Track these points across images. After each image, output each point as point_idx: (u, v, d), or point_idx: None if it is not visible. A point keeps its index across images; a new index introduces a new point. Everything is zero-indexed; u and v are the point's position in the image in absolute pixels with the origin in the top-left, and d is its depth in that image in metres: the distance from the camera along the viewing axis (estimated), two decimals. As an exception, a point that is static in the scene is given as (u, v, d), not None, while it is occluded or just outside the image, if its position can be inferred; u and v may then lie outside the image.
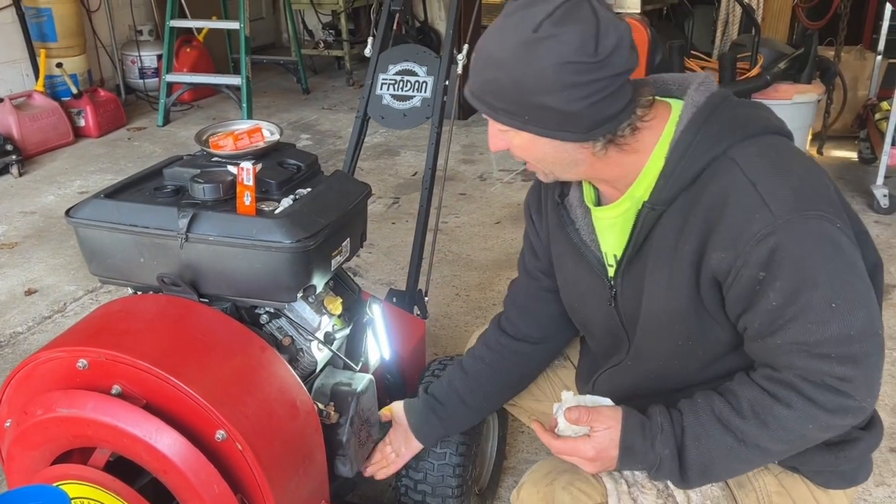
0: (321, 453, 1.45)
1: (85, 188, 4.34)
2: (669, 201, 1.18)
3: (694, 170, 1.15)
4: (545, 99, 1.09)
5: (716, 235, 1.13)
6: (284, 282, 1.41)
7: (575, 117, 1.11)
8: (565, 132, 1.13)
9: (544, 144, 1.17)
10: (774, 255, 1.08)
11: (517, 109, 1.13)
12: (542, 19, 1.07)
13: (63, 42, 5.24)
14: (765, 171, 1.11)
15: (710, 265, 1.14)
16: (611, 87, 1.10)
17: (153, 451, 1.22)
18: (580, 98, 1.09)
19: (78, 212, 1.48)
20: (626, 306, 1.31)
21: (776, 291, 1.09)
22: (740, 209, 1.10)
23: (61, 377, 1.31)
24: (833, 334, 1.07)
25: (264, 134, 1.62)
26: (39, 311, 3.06)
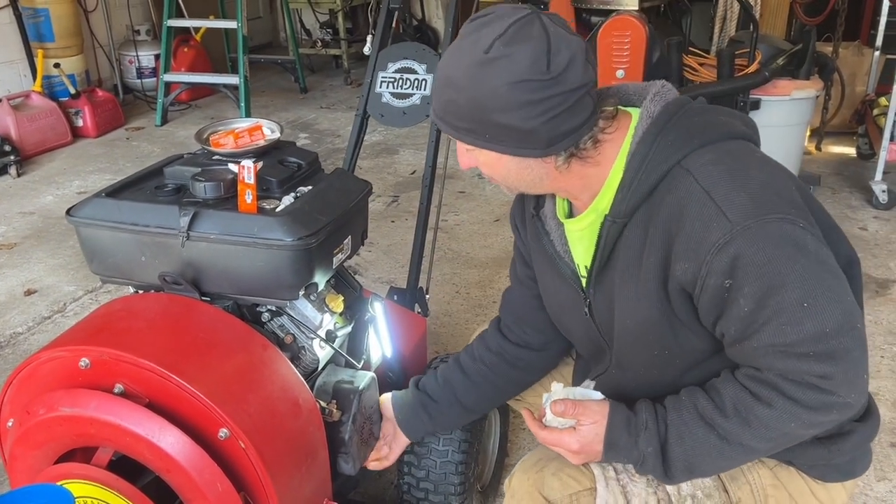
0: (324, 451, 1.45)
1: (83, 188, 4.34)
2: (629, 213, 1.19)
3: (650, 181, 1.16)
4: (501, 118, 1.11)
5: (677, 246, 1.13)
6: (286, 280, 1.41)
7: (533, 134, 1.12)
8: (525, 149, 1.15)
9: (508, 161, 1.18)
10: (736, 262, 1.07)
11: (477, 128, 1.14)
12: (494, 39, 1.08)
13: (60, 42, 5.24)
14: (719, 179, 1.11)
15: (675, 276, 1.15)
16: (567, 103, 1.11)
17: (156, 449, 1.22)
18: (536, 115, 1.10)
19: (79, 211, 1.47)
20: (600, 317, 1.32)
21: (745, 297, 1.08)
22: (697, 219, 1.10)
23: (63, 376, 1.31)
24: (808, 333, 1.07)
25: (265, 132, 1.61)
26: (39, 312, 3.05)
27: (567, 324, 1.45)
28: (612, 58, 4.09)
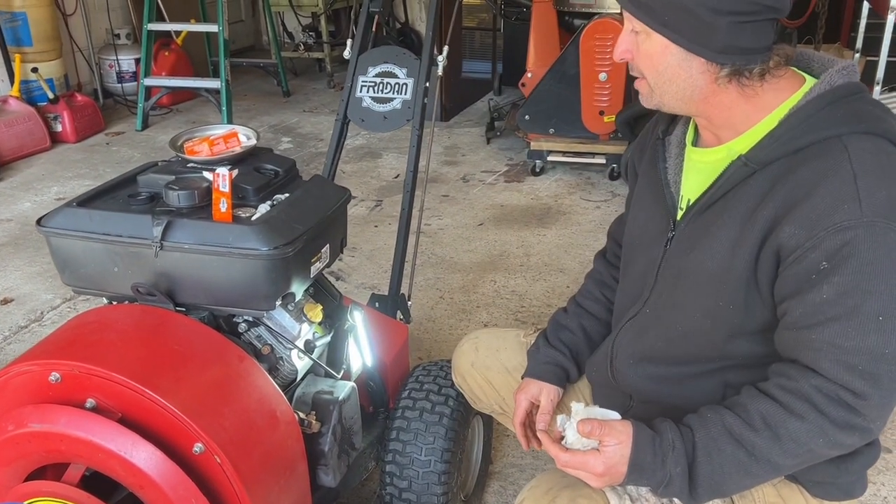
0: (303, 464, 1.42)
1: (62, 194, 4.28)
2: (766, 163, 1.16)
3: (804, 140, 1.14)
4: (692, 2, 1.10)
5: (797, 210, 1.11)
6: (262, 290, 1.38)
7: (713, 31, 1.12)
8: (699, 45, 1.14)
9: (672, 55, 1.17)
10: (844, 249, 1.06)
11: (661, 7, 1.13)
12: None
13: (39, 46, 5.17)
14: (871, 168, 1.09)
15: (778, 237, 1.12)
16: (757, 17, 1.11)
17: (129, 465, 1.19)
18: (726, 12, 1.10)
19: (50, 221, 1.44)
20: (673, 253, 1.29)
21: (831, 285, 1.07)
22: (831, 194, 1.08)
23: (33, 391, 1.28)
24: (868, 346, 1.06)
25: (240, 139, 1.59)
26: (16, 321, 3.01)
27: (636, 255, 1.41)
28: (594, 60, 4.09)
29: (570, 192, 4.25)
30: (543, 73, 4.26)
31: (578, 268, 3.34)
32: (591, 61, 4.09)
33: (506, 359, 1.62)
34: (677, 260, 1.28)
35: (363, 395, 1.76)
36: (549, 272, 3.33)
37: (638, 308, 1.37)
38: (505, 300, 3.10)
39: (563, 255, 3.48)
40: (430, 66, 2.16)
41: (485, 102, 5.68)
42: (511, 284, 3.23)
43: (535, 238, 3.67)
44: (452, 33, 2.48)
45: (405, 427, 1.71)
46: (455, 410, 1.72)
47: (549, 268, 3.37)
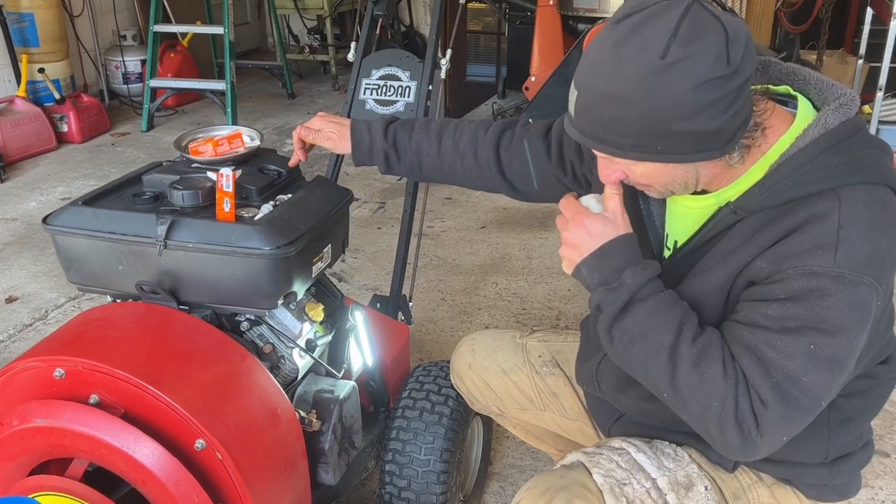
0: (303, 462, 1.44)
1: (68, 194, 4.30)
2: (754, 211, 1.13)
3: (795, 193, 1.09)
4: (683, 125, 1.02)
5: (773, 250, 1.10)
6: (265, 289, 1.40)
7: (717, 134, 1.05)
8: (705, 152, 1.07)
9: (674, 169, 1.10)
10: (808, 293, 1.05)
11: (648, 142, 1.06)
12: (668, 41, 0.99)
13: (45, 47, 5.20)
14: (859, 221, 1.06)
15: (750, 271, 1.12)
16: (744, 92, 1.05)
17: (132, 461, 1.21)
18: (721, 113, 1.03)
19: (55, 219, 1.46)
20: None
21: (782, 308, 1.08)
22: (811, 238, 1.06)
23: (38, 387, 1.29)
24: (789, 367, 1.07)
25: (244, 140, 1.60)
26: (21, 319, 3.03)
27: None
28: (598, 65, 4.10)
29: (573, 195, 4.25)
30: (547, 77, 4.27)
31: (580, 271, 3.34)
32: (595, 65, 4.10)
33: (502, 360, 1.64)
34: None
35: (364, 395, 1.78)
36: (551, 275, 3.34)
37: None
38: (506, 302, 3.12)
39: (564, 259, 3.49)
40: (433, 69, 2.18)
41: (489, 106, 5.69)
42: (513, 287, 3.24)
43: (537, 241, 3.68)
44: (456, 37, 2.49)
45: (405, 426, 1.72)
46: (455, 411, 1.74)
47: (551, 270, 3.38)
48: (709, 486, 1.28)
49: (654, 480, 1.27)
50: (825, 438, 1.25)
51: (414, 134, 1.56)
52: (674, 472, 1.29)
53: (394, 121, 1.58)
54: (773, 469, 1.31)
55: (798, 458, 1.27)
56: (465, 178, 1.57)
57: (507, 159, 1.52)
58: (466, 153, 1.53)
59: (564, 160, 1.47)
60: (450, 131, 1.55)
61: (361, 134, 1.56)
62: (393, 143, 1.55)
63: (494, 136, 1.52)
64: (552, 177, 1.50)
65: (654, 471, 1.28)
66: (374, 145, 1.55)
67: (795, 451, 1.24)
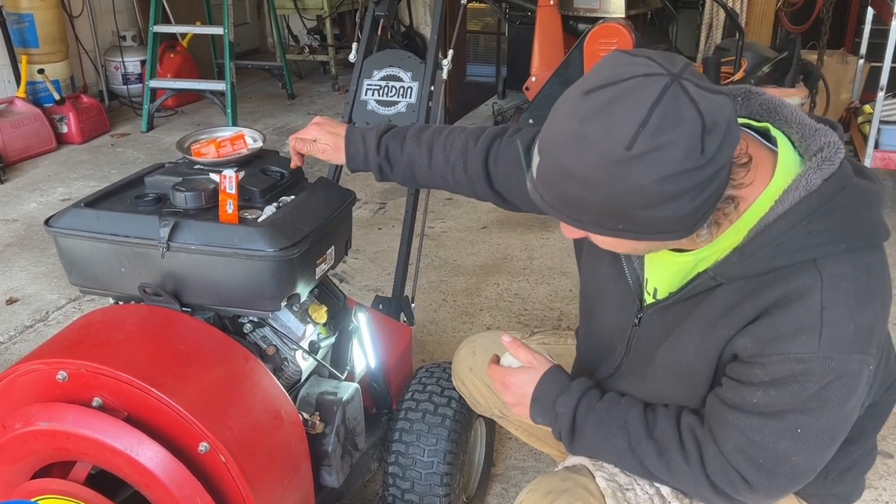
0: (306, 464, 1.43)
1: (68, 195, 4.30)
2: (733, 279, 1.09)
3: (776, 263, 1.04)
4: (646, 213, 0.96)
5: (755, 326, 1.07)
6: (268, 291, 1.39)
7: (682, 220, 0.99)
8: (670, 234, 1.01)
9: (639, 243, 1.05)
10: (793, 377, 1.04)
11: (608, 222, 1.00)
12: (636, 131, 0.90)
13: (45, 48, 5.19)
14: (842, 300, 1.02)
15: (734, 345, 1.10)
16: (719, 177, 0.97)
17: (135, 464, 1.20)
18: (690, 201, 0.95)
19: (57, 221, 1.45)
20: (644, 337, 1.27)
21: (766, 395, 1.07)
22: (793, 320, 1.03)
23: (41, 390, 1.29)
24: (778, 449, 1.08)
25: (247, 141, 1.60)
26: (21, 321, 3.02)
27: (600, 314, 1.36)
28: (598, 65, 4.10)
29: (574, 195, 4.25)
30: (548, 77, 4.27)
31: (581, 271, 3.34)
32: (596, 65, 4.10)
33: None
34: (648, 348, 1.26)
35: (366, 397, 1.77)
36: (552, 275, 3.34)
37: (610, 372, 1.36)
38: (508, 303, 3.11)
39: (565, 259, 3.49)
40: (434, 69, 2.17)
41: (489, 106, 5.69)
42: (514, 287, 3.24)
43: (539, 241, 3.68)
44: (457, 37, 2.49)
45: (408, 428, 1.71)
46: (458, 412, 1.73)
47: (552, 271, 3.38)
48: None
49: (657, 487, 1.26)
50: None
51: (405, 146, 1.54)
52: None
53: (388, 130, 1.57)
54: None
55: None
56: (457, 189, 1.57)
57: (495, 171, 1.51)
58: (457, 166, 1.52)
59: None
60: (440, 143, 1.53)
61: (356, 147, 1.55)
62: (386, 155, 1.55)
63: (483, 149, 1.51)
64: None
65: None
66: (368, 157, 1.55)
67: None
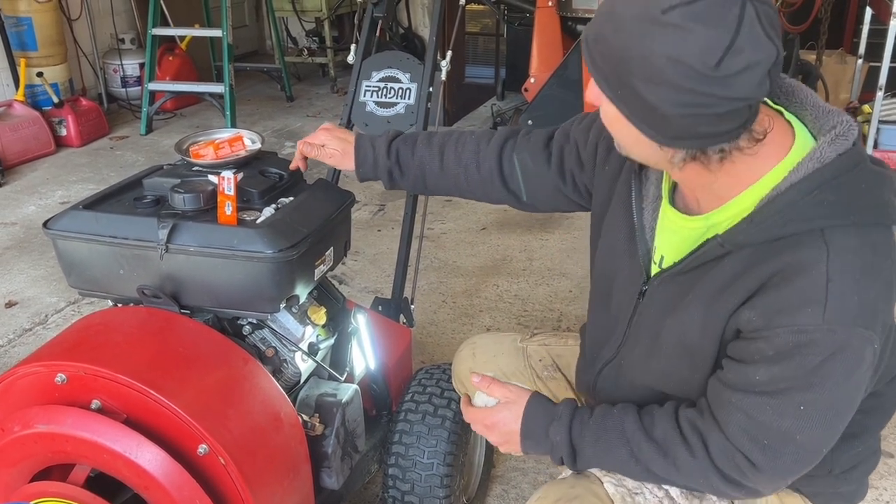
0: (306, 466, 1.43)
1: (67, 198, 4.30)
2: (742, 246, 1.09)
3: (784, 231, 1.05)
4: (641, 86, 0.98)
5: (760, 298, 1.07)
6: (267, 292, 1.39)
7: (664, 120, 1.00)
8: (648, 129, 1.03)
9: (625, 126, 1.06)
10: (796, 349, 1.04)
11: (613, 80, 1.02)
12: (678, 4, 0.93)
13: (43, 51, 5.19)
14: (847, 273, 1.02)
15: (739, 319, 1.10)
16: (719, 108, 0.97)
17: (134, 466, 1.20)
18: (677, 104, 0.97)
19: (56, 223, 1.45)
20: (646, 311, 1.25)
21: (769, 371, 1.07)
22: (798, 293, 1.03)
23: (39, 392, 1.29)
24: (781, 428, 1.07)
25: (245, 143, 1.60)
26: (20, 324, 3.02)
27: (609, 290, 1.35)
28: (597, 66, 4.10)
29: (573, 196, 4.25)
30: (546, 78, 4.28)
31: (581, 272, 3.34)
32: (594, 66, 4.10)
33: (504, 364, 1.63)
34: (652, 322, 1.24)
35: (366, 398, 1.77)
36: (552, 276, 3.34)
37: (612, 353, 1.35)
38: (507, 304, 3.11)
39: (565, 260, 3.49)
40: (433, 71, 2.17)
41: (488, 107, 5.69)
42: (514, 289, 3.24)
43: (538, 242, 3.68)
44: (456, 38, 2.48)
45: (408, 430, 1.71)
46: (458, 414, 1.73)
47: (552, 272, 3.38)
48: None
49: (666, 490, 1.26)
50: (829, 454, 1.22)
51: (416, 149, 1.55)
52: None
53: (397, 136, 1.58)
54: None
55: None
56: (469, 192, 1.57)
57: (509, 170, 1.51)
58: (469, 166, 1.53)
59: (564, 170, 1.46)
60: (452, 144, 1.54)
61: (365, 151, 1.55)
62: (396, 159, 1.55)
63: (496, 148, 1.51)
64: (553, 186, 1.48)
65: None
66: (378, 162, 1.55)
67: None
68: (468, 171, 1.53)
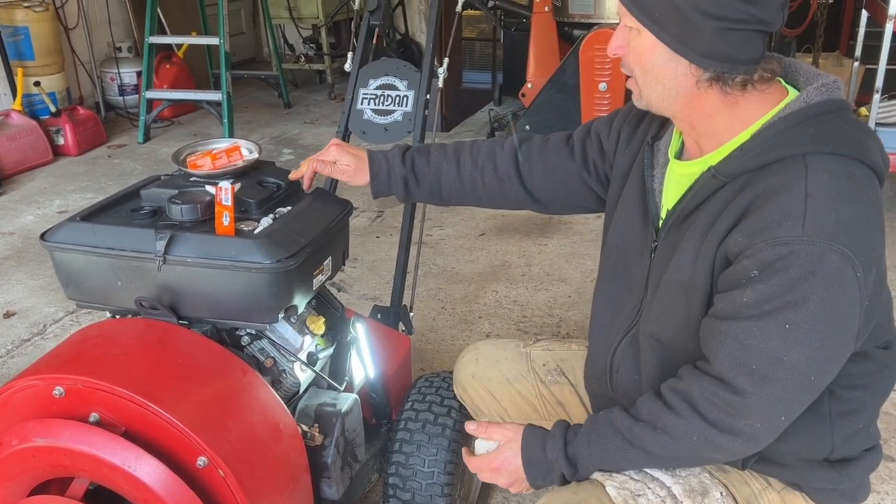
0: (306, 476, 1.43)
1: (65, 207, 4.29)
2: (733, 176, 1.17)
3: (770, 157, 1.14)
4: (683, 1, 1.10)
5: (746, 220, 1.13)
6: (265, 303, 1.39)
7: (698, 33, 1.12)
8: (683, 45, 1.14)
9: (659, 53, 1.17)
10: (777, 263, 1.08)
11: (653, 4, 1.14)
12: None
13: (41, 60, 5.20)
14: (825, 190, 1.09)
15: (727, 245, 1.15)
16: (746, 27, 1.11)
17: (133, 479, 1.19)
18: (713, 16, 1.10)
19: (53, 235, 1.45)
20: (656, 265, 1.31)
21: (754, 291, 1.10)
22: (779, 208, 1.10)
23: (37, 405, 1.28)
24: (768, 350, 1.09)
25: (243, 152, 1.60)
26: (19, 334, 3.01)
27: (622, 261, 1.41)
28: (594, 70, 4.11)
29: (571, 201, 4.25)
30: (543, 84, 4.28)
31: (580, 277, 3.34)
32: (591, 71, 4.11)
33: (506, 369, 1.63)
34: (658, 273, 1.30)
35: (366, 407, 1.76)
36: (551, 282, 3.33)
37: (632, 320, 1.36)
38: (507, 310, 3.10)
39: (564, 265, 3.48)
40: (430, 78, 2.17)
41: (485, 112, 5.69)
42: (513, 294, 3.23)
43: (537, 248, 3.68)
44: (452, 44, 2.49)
45: (408, 439, 1.71)
46: (458, 422, 1.72)
47: (551, 277, 3.37)
48: (723, 493, 1.28)
49: (668, 489, 1.26)
50: (828, 431, 1.25)
51: (431, 157, 1.57)
52: (687, 479, 1.29)
53: (409, 148, 1.60)
54: (780, 473, 1.31)
55: (803, 454, 1.27)
56: (486, 196, 1.59)
57: (527, 169, 1.54)
58: (486, 168, 1.55)
59: (588, 159, 1.51)
60: (467, 150, 1.58)
61: (379, 163, 1.56)
62: (411, 167, 1.56)
63: (512, 148, 1.56)
64: (577, 178, 1.53)
65: (667, 479, 1.28)
66: (393, 172, 1.56)
67: (799, 447, 1.25)
68: (485, 174, 1.55)
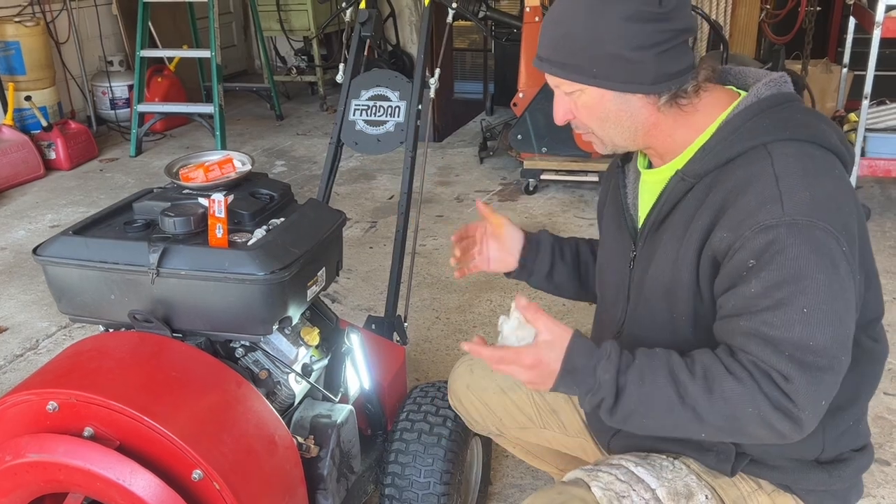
0: (302, 488, 1.42)
1: (57, 222, 4.28)
2: (699, 175, 1.22)
3: (731, 152, 1.19)
4: (613, 47, 1.17)
5: (725, 217, 1.16)
6: (259, 314, 1.39)
7: (642, 66, 1.17)
8: (633, 84, 1.19)
9: (610, 101, 1.22)
10: (770, 247, 1.10)
11: (587, 63, 1.19)
12: None
13: (32, 75, 5.20)
14: (793, 171, 1.14)
15: (712, 244, 1.17)
16: (674, 41, 1.18)
17: (128, 494, 1.19)
18: (648, 47, 1.16)
19: (46, 249, 1.45)
20: (638, 271, 1.33)
21: (759, 280, 1.11)
22: (756, 196, 1.13)
23: (31, 420, 1.28)
24: (793, 338, 1.09)
25: (235, 164, 1.60)
26: (11, 350, 2.99)
27: (607, 276, 1.45)
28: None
29: (564, 209, 4.27)
30: (535, 93, 4.29)
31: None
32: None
33: (500, 379, 1.62)
34: (639, 279, 1.32)
35: (361, 418, 1.76)
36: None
37: (616, 329, 1.39)
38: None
39: (558, 274, 3.48)
40: (422, 88, 2.18)
41: (477, 122, 5.71)
42: (507, 303, 3.22)
43: (530, 257, 3.67)
44: (444, 55, 2.50)
45: (404, 449, 1.70)
46: (453, 432, 1.72)
47: (545, 286, 3.37)
48: (709, 496, 1.28)
49: (653, 491, 1.26)
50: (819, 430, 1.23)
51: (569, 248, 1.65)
52: (673, 482, 1.29)
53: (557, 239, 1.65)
54: (771, 475, 1.31)
55: (793, 454, 1.28)
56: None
57: None
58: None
59: None
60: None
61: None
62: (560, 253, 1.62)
63: None
64: None
65: (653, 481, 1.28)
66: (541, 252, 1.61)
67: (790, 447, 1.24)
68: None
